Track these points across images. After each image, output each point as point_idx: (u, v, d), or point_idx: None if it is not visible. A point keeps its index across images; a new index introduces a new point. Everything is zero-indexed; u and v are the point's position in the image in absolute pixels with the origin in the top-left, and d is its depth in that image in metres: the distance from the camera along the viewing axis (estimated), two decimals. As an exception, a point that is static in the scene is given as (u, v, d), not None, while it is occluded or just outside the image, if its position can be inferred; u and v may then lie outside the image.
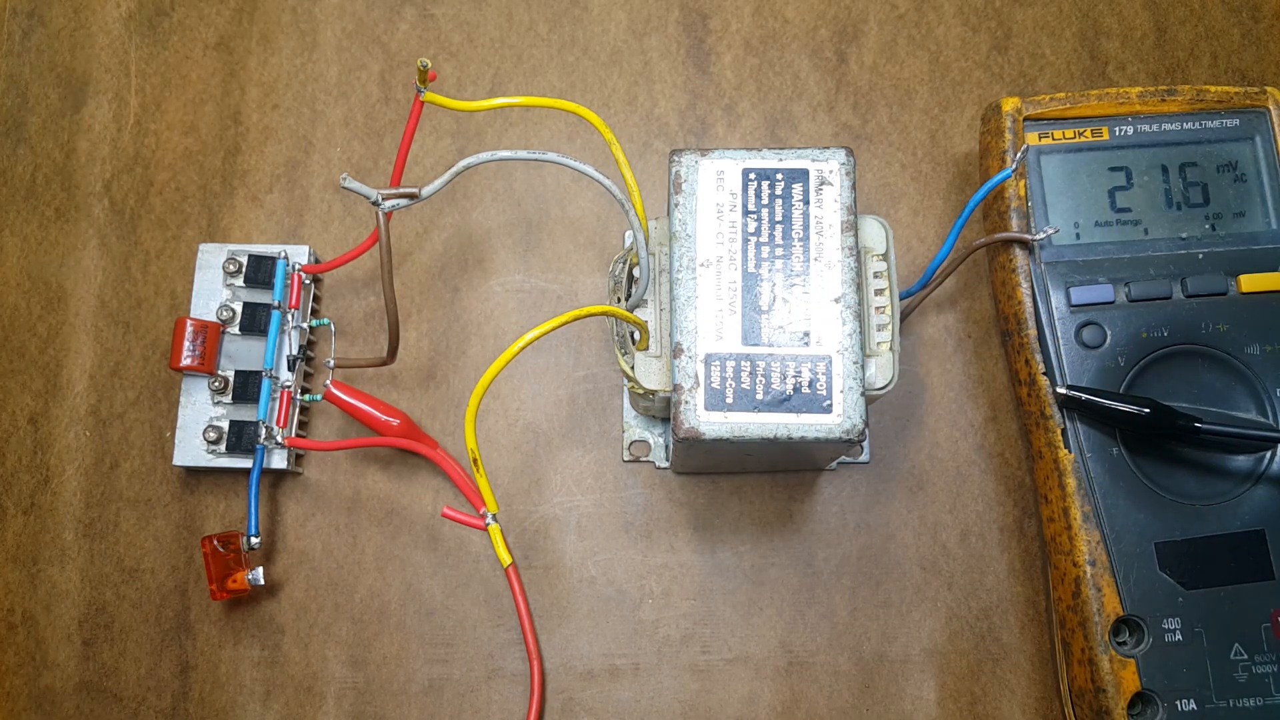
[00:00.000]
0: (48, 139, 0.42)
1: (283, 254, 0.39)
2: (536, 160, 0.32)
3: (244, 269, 0.39)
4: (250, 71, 0.43)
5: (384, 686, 0.37)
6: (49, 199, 0.42)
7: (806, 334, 0.30)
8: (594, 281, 0.41)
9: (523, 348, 0.30)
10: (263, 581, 0.36)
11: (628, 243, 0.31)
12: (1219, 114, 0.37)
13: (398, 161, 0.35)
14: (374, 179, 0.42)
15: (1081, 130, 0.37)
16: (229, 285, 0.39)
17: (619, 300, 0.33)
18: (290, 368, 0.38)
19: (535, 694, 0.36)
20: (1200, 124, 0.37)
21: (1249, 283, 0.36)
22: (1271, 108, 0.37)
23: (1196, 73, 0.42)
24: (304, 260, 0.39)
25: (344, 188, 0.31)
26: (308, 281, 0.39)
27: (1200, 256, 0.36)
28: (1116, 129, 0.37)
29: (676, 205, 0.31)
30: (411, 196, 0.32)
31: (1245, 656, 0.34)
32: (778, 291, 0.31)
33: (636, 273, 0.32)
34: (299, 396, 0.38)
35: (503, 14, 0.43)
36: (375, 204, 0.32)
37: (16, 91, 0.43)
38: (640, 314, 0.32)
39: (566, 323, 0.30)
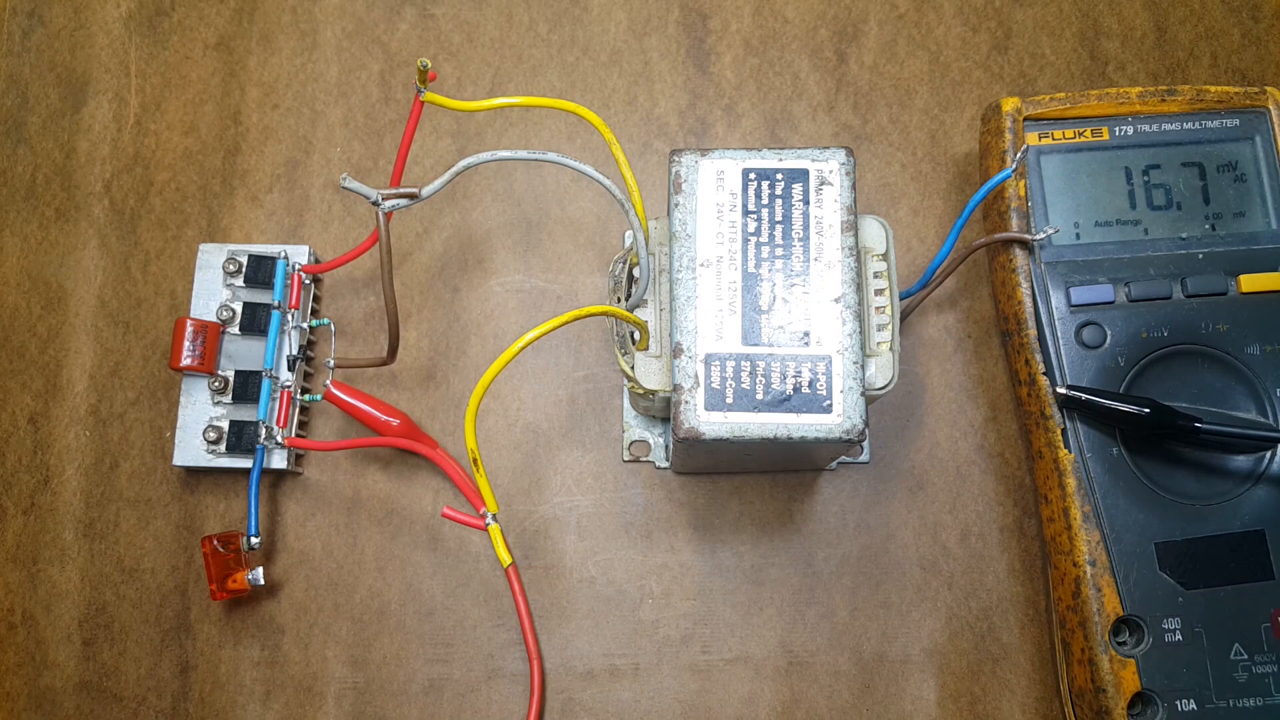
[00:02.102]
0: (48, 139, 0.42)
1: (283, 254, 0.39)
2: (536, 160, 0.32)
3: (244, 269, 0.39)
4: (250, 71, 0.43)
5: (384, 686, 0.37)
6: (49, 199, 0.42)
7: (806, 334, 0.30)
8: (594, 281, 0.41)
9: (523, 348, 0.30)
10: (263, 581, 0.36)
11: (628, 243, 0.31)
12: (1219, 114, 0.37)
13: (398, 162, 0.35)
14: (374, 179, 0.42)
15: (1081, 130, 0.37)
16: (229, 285, 0.39)
17: (619, 300, 0.33)
18: (290, 368, 0.38)
19: (535, 694, 0.36)
20: (1200, 124, 0.37)
21: (1249, 283, 0.36)
22: (1271, 108, 0.37)
23: (1196, 73, 0.42)
24: (304, 260, 0.39)
25: (344, 188, 0.31)
26: (308, 281, 0.39)
27: (1200, 256, 0.36)
28: (1116, 129, 0.37)
29: (676, 205, 0.31)
30: (411, 196, 0.32)
31: (1245, 656, 0.34)
32: (778, 291, 0.31)
33: (636, 273, 0.32)
34: (299, 396, 0.38)
35: (503, 14, 0.43)
36: (375, 204, 0.32)
37: (16, 91, 0.43)
38: (640, 314, 0.32)
39: (566, 323, 0.30)
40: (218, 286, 0.39)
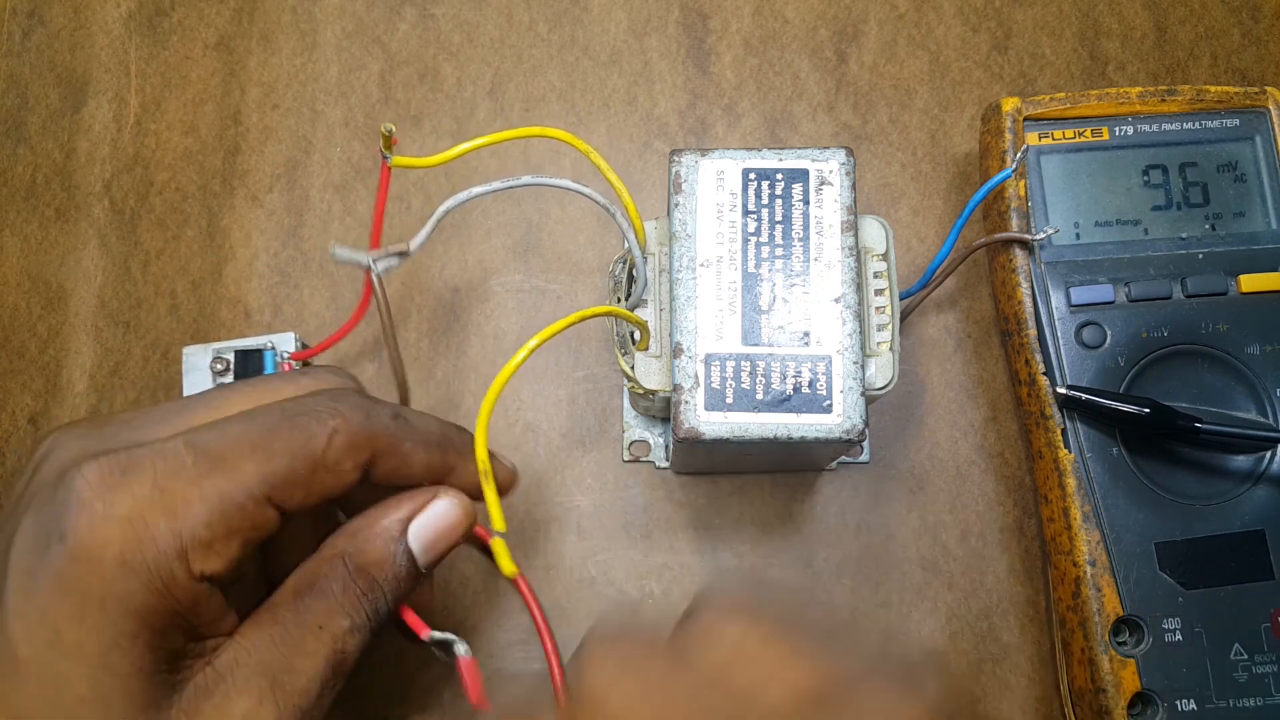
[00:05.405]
0: (48, 139, 0.42)
1: (269, 344, 0.38)
2: (512, 188, 0.31)
3: (231, 366, 0.37)
4: (250, 71, 0.43)
5: (385, 686, 0.37)
6: (49, 199, 0.42)
7: (806, 334, 0.30)
8: (594, 281, 0.41)
9: (527, 355, 0.29)
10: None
11: (627, 244, 0.31)
12: (1219, 114, 0.37)
13: (375, 226, 0.33)
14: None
15: (1081, 130, 0.37)
16: (219, 385, 0.37)
17: (619, 300, 0.33)
18: None
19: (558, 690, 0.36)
20: (1200, 124, 0.37)
21: (1249, 283, 0.36)
22: (1271, 108, 0.37)
23: (1196, 73, 0.42)
24: (291, 348, 0.38)
25: (335, 258, 0.30)
26: (298, 367, 0.38)
27: (1200, 256, 0.36)
28: (1116, 129, 0.37)
29: (676, 205, 0.31)
30: (403, 254, 0.31)
31: (1245, 656, 0.34)
32: (778, 291, 0.31)
33: (636, 273, 0.32)
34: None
35: (503, 14, 0.43)
36: (368, 268, 0.31)
37: (16, 91, 0.43)
38: (640, 314, 0.32)
39: (572, 324, 0.29)
40: (207, 386, 0.38)
